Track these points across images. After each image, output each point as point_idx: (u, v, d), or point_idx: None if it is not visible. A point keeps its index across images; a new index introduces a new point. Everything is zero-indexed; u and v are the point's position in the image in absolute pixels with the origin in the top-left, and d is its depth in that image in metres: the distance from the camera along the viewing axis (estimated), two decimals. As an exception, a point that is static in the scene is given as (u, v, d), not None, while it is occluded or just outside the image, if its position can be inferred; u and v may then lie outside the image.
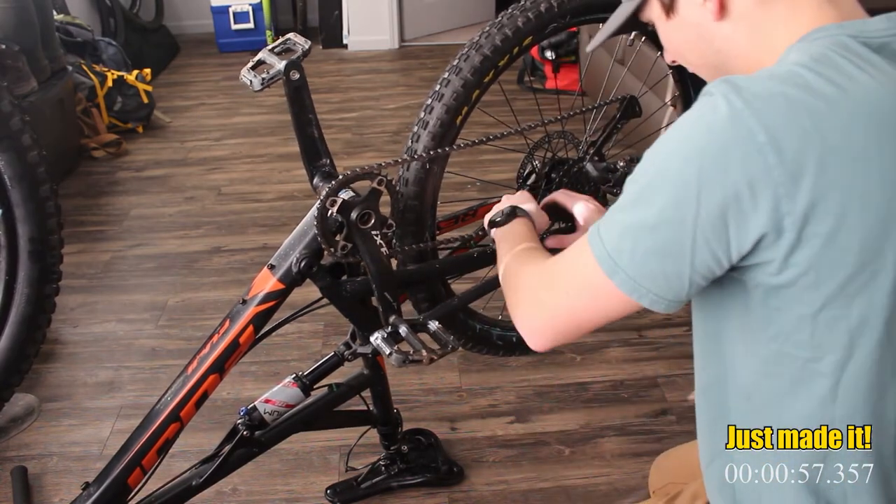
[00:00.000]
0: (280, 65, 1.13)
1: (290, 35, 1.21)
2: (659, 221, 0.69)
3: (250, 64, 1.17)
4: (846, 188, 0.66)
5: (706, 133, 0.67)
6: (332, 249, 1.14)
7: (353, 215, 1.12)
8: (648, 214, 0.70)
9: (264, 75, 1.13)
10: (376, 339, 1.14)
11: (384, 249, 1.19)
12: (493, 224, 1.10)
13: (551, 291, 0.80)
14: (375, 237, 1.17)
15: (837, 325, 0.71)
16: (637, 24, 0.88)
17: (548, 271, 0.82)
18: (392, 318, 1.18)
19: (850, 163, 0.66)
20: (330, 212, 1.11)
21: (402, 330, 1.15)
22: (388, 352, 1.12)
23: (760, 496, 0.82)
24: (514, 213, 1.08)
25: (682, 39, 0.82)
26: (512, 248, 0.98)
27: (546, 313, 0.80)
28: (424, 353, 1.11)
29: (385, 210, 1.18)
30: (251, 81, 1.13)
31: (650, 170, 0.71)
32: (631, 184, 0.73)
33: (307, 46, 1.17)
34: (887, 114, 0.67)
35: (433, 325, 1.20)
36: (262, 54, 1.17)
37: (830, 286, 0.69)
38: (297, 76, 1.15)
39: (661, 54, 0.98)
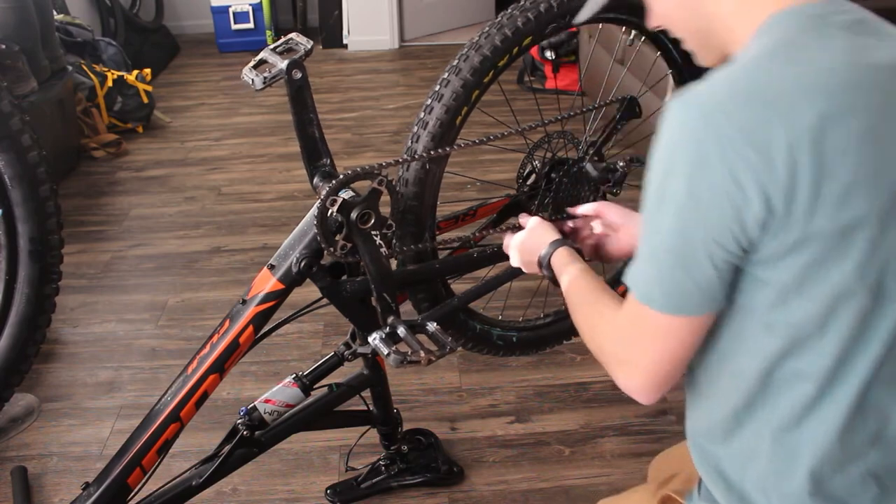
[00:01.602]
0: (282, 64, 1.13)
1: (293, 35, 1.21)
2: (671, 242, 0.72)
3: (252, 63, 1.17)
4: (822, 153, 0.67)
5: (682, 145, 0.70)
6: (332, 249, 1.14)
7: (353, 215, 1.12)
8: (658, 239, 0.73)
9: (266, 74, 1.14)
10: (374, 339, 1.14)
11: (384, 249, 1.19)
12: (549, 275, 1.09)
13: (631, 351, 0.80)
14: (375, 237, 1.17)
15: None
16: None
17: (618, 332, 0.82)
18: (390, 319, 1.18)
19: (821, 130, 0.68)
20: (330, 212, 1.11)
21: (401, 331, 1.16)
22: (386, 352, 1.12)
23: (744, 463, 0.84)
24: (553, 250, 1.07)
25: (662, 6, 0.83)
26: (572, 292, 0.97)
27: (640, 373, 0.80)
28: (422, 353, 1.11)
29: (385, 210, 1.18)
30: (253, 80, 1.13)
31: (647, 199, 0.74)
32: (644, 208, 0.75)
33: (309, 46, 1.17)
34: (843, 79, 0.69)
35: (432, 326, 1.20)
36: (264, 53, 1.18)
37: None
38: (298, 75, 1.15)
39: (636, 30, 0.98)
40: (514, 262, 1.17)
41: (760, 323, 0.76)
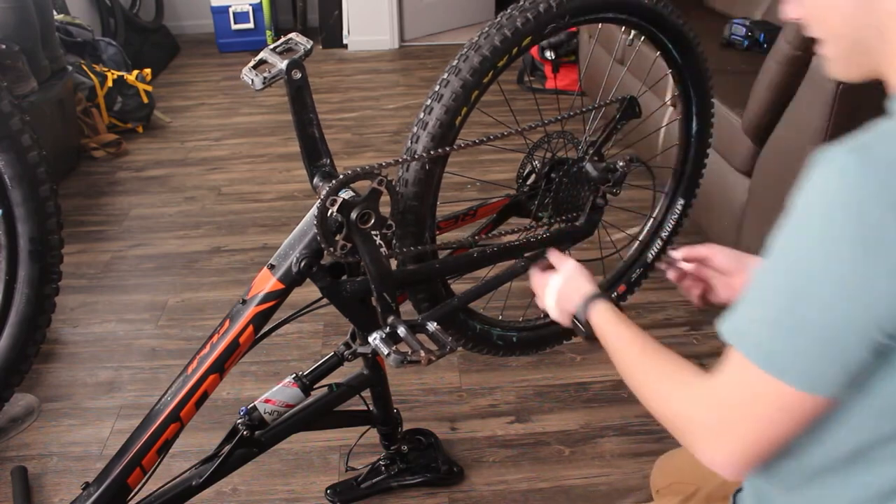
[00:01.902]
0: (282, 64, 1.13)
1: (293, 35, 1.21)
2: (824, 321, 0.63)
3: (252, 63, 1.17)
4: None
5: (849, 211, 0.60)
6: (332, 249, 1.14)
7: (353, 215, 1.12)
8: (804, 310, 0.63)
9: (266, 74, 1.13)
10: (375, 339, 1.14)
11: (384, 249, 1.19)
12: (586, 333, 1.02)
13: (730, 422, 0.70)
14: (375, 237, 1.17)
15: None
16: None
17: (715, 399, 0.72)
18: (390, 319, 1.18)
19: None
20: (330, 212, 1.11)
21: (401, 330, 1.16)
22: (386, 352, 1.12)
23: None
24: (591, 304, 1.00)
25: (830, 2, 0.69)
26: (627, 353, 0.90)
27: (736, 447, 0.71)
28: (423, 353, 1.11)
29: (385, 210, 1.18)
30: (252, 80, 1.13)
31: (785, 255, 0.65)
32: (771, 273, 0.67)
33: (309, 46, 1.17)
34: None
35: (432, 325, 1.20)
36: (264, 53, 1.17)
37: None
38: (298, 75, 1.15)
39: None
40: (551, 310, 1.11)
41: (881, 405, 0.67)
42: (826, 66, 0.75)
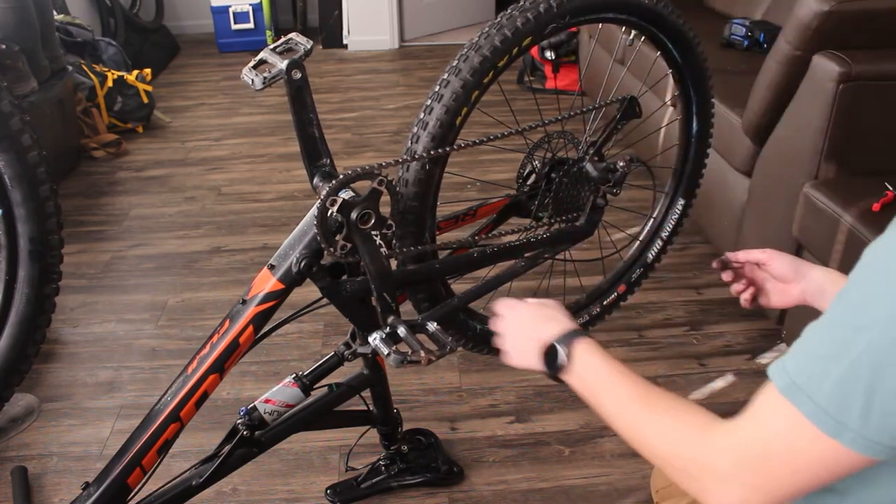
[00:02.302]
0: (282, 64, 1.13)
1: (293, 35, 1.21)
2: (880, 369, 0.59)
3: (252, 63, 1.17)
4: None
5: None
6: (332, 249, 1.14)
7: (353, 215, 1.12)
8: (884, 373, 0.59)
9: (266, 74, 1.13)
10: (375, 339, 1.14)
11: (384, 249, 1.19)
12: (555, 370, 0.91)
13: (765, 475, 0.66)
14: (375, 237, 1.17)
15: None
16: None
17: (742, 446, 0.68)
18: (390, 319, 1.18)
19: None
20: (330, 211, 1.11)
21: (401, 330, 1.16)
22: (386, 352, 1.12)
23: None
24: (570, 341, 0.90)
25: None
26: (622, 403, 0.83)
27: (764, 495, 0.67)
28: (423, 353, 1.11)
29: (385, 210, 1.18)
30: (252, 80, 1.13)
31: (871, 313, 0.60)
32: (832, 324, 0.64)
33: (309, 46, 1.17)
34: None
35: (432, 325, 1.20)
36: (264, 54, 1.17)
37: None
38: (298, 75, 1.15)
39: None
40: (504, 341, 1.00)
41: None
42: None
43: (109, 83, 3.53)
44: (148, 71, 3.75)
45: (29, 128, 1.50)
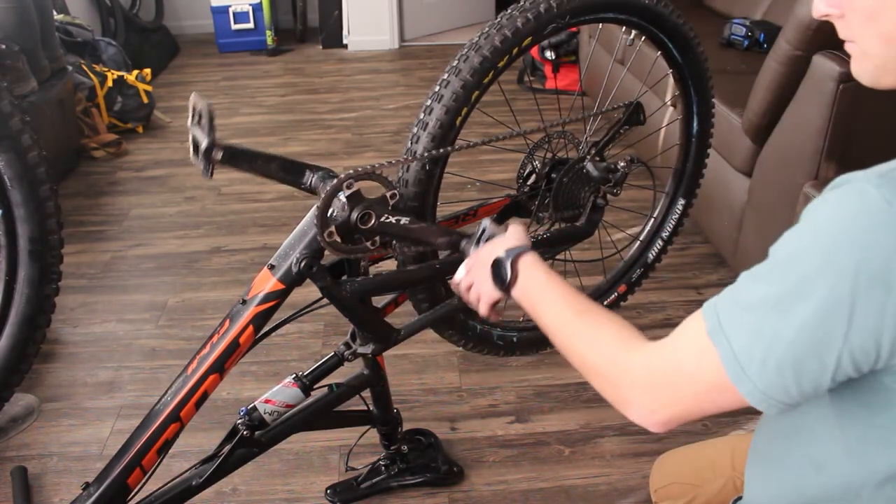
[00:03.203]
0: (204, 143, 1.02)
1: (192, 98, 1.07)
2: (798, 336, 0.62)
3: (191, 148, 1.07)
4: None
5: (860, 240, 0.59)
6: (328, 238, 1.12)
7: (354, 215, 1.12)
8: (786, 326, 0.62)
9: (203, 162, 1.03)
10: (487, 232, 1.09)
11: (383, 251, 1.19)
12: (503, 284, 0.97)
13: (671, 390, 0.72)
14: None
15: None
16: None
17: (659, 364, 0.74)
18: (462, 244, 1.15)
19: None
20: (331, 209, 1.11)
21: (486, 224, 1.10)
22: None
23: None
24: (513, 256, 0.96)
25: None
26: (557, 311, 0.88)
27: (669, 410, 0.74)
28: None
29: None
30: (201, 168, 1.04)
31: (788, 271, 0.63)
32: (759, 278, 0.66)
33: (208, 109, 1.03)
34: None
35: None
36: (192, 131, 1.07)
37: None
38: (219, 155, 1.03)
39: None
40: (465, 283, 1.05)
41: (876, 434, 0.68)
42: (855, 68, 0.71)
43: (109, 83, 3.53)
44: (148, 71, 3.75)
45: (29, 128, 1.50)
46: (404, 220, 1.15)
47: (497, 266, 0.97)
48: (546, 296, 0.91)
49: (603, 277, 1.69)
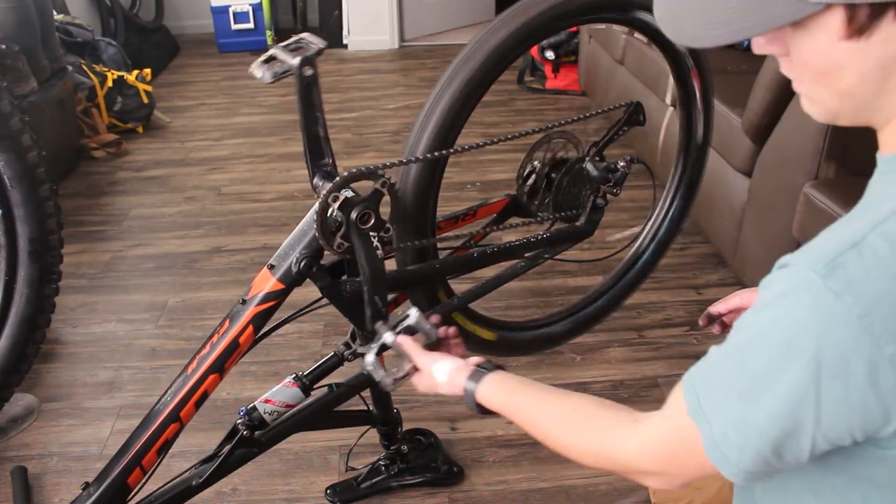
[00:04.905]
0: (293, 61, 1.13)
1: (305, 35, 1.21)
2: (770, 424, 0.63)
3: (262, 58, 1.16)
4: None
5: (814, 335, 0.59)
6: (331, 246, 1.14)
7: (354, 214, 1.12)
8: (756, 413, 0.63)
9: (276, 69, 1.13)
10: (368, 360, 1.10)
11: (380, 252, 1.19)
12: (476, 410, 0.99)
13: (675, 469, 0.74)
14: (373, 239, 1.16)
15: None
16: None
17: (656, 450, 0.75)
18: (378, 325, 1.14)
19: None
20: (330, 209, 1.11)
21: (388, 338, 1.10)
22: (378, 377, 1.08)
23: None
24: (474, 395, 0.97)
25: (852, 64, 0.62)
26: (537, 423, 0.92)
27: (682, 479, 0.76)
28: (407, 366, 1.06)
29: (384, 212, 1.17)
30: (263, 75, 1.13)
31: (751, 359, 0.64)
32: (728, 359, 0.67)
33: (322, 46, 1.17)
34: None
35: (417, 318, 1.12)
36: (275, 50, 1.17)
37: None
38: (310, 72, 1.15)
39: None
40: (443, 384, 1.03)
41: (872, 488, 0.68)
42: (806, 106, 0.69)
43: (109, 83, 3.53)
44: (148, 71, 3.75)
45: (29, 128, 1.50)
46: (375, 247, 1.14)
47: (467, 398, 0.99)
48: (520, 412, 0.94)
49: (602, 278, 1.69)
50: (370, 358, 1.09)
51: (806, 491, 0.73)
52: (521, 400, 0.94)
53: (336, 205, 1.10)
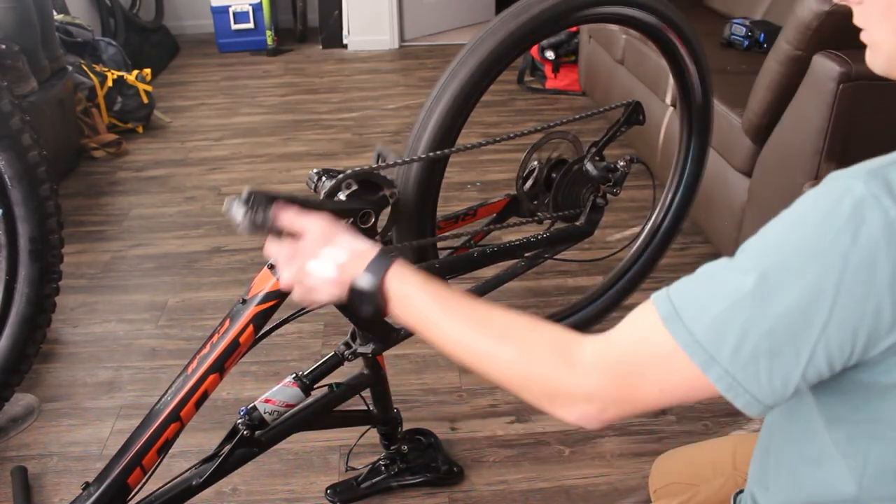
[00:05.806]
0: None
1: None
2: (777, 325, 0.61)
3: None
4: None
5: (849, 235, 0.59)
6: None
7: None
8: (764, 314, 0.61)
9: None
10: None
11: None
12: (375, 312, 0.83)
13: (632, 392, 0.69)
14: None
15: None
16: None
17: (612, 365, 0.70)
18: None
19: None
20: (336, 198, 1.11)
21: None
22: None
23: None
24: (382, 268, 0.82)
25: None
26: (456, 329, 0.78)
27: (621, 407, 0.70)
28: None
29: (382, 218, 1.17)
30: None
31: (770, 260, 0.62)
32: (730, 269, 0.65)
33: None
34: None
35: None
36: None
37: None
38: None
39: None
40: (322, 285, 0.87)
41: (862, 430, 0.68)
42: (868, 56, 0.71)
43: (109, 83, 3.53)
44: (148, 71, 3.75)
45: (29, 128, 1.50)
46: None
47: (360, 294, 0.82)
48: (436, 314, 0.79)
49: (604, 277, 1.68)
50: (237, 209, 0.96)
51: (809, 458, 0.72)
52: (447, 302, 0.79)
53: (348, 191, 1.09)
